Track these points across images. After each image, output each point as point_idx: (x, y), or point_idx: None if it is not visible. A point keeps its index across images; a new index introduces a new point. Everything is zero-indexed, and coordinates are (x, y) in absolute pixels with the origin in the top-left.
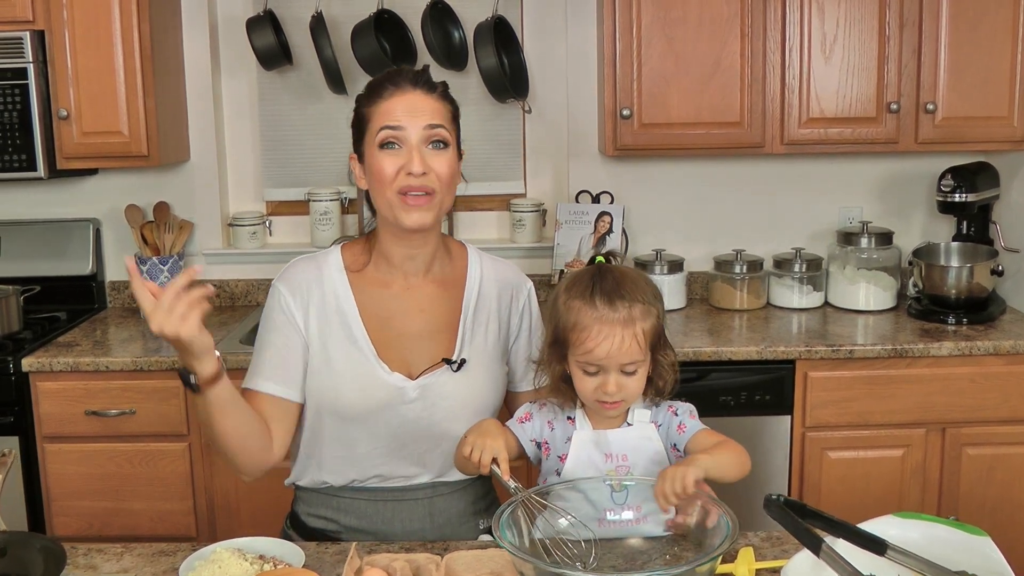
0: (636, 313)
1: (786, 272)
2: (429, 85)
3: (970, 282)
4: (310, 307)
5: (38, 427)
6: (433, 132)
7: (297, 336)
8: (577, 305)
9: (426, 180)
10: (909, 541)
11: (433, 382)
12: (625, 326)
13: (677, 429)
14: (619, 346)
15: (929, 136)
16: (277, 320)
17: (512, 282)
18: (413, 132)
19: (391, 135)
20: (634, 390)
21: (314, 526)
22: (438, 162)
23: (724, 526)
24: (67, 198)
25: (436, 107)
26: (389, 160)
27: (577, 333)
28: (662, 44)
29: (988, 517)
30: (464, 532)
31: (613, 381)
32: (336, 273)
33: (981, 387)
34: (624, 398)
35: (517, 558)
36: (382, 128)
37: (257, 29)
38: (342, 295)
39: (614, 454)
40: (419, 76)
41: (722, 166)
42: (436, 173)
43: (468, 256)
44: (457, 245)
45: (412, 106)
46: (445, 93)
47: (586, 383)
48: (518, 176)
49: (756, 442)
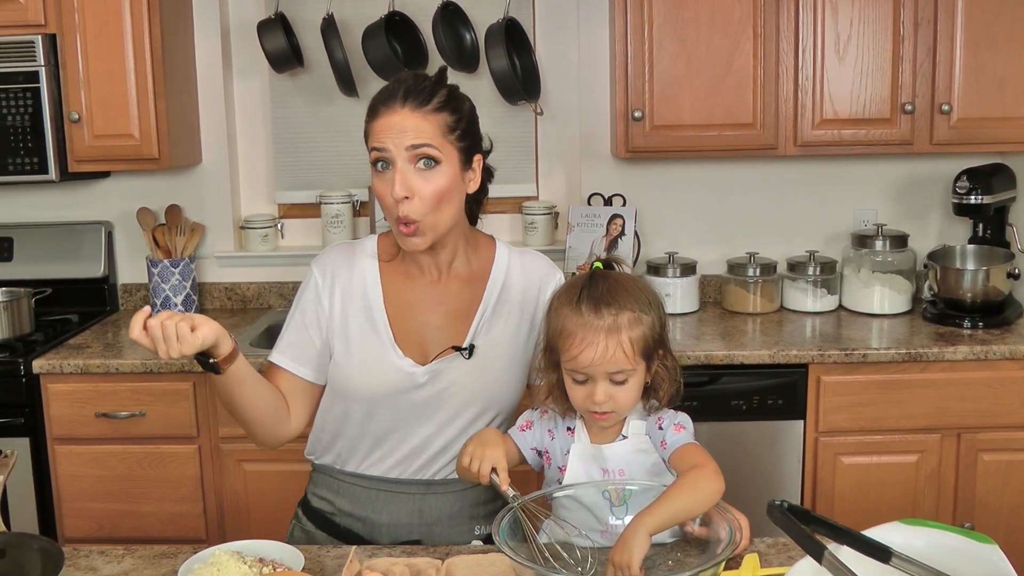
0: (623, 321)
1: (800, 275)
2: (421, 98)
3: (986, 285)
4: (335, 288)
5: (48, 429)
6: (417, 152)
7: (320, 317)
8: (565, 312)
9: (409, 208)
10: (915, 549)
11: (443, 368)
12: (610, 334)
13: (660, 445)
14: (603, 354)
15: (944, 137)
16: (305, 299)
17: (540, 274)
18: (397, 153)
19: (378, 156)
20: (625, 400)
21: (316, 506)
22: (422, 182)
23: (728, 532)
24: (79, 201)
25: (419, 124)
26: (381, 184)
27: (563, 339)
28: (674, 45)
29: (1004, 524)
30: (454, 534)
31: (601, 390)
32: (368, 259)
33: (997, 392)
34: (614, 408)
35: (517, 564)
36: (371, 148)
37: (268, 32)
38: (370, 280)
39: (611, 470)
40: (410, 91)
41: (735, 168)
42: (420, 195)
43: (496, 250)
44: (485, 239)
45: (397, 126)
46: (444, 103)
47: (576, 391)
48: (530, 179)
49: (768, 447)
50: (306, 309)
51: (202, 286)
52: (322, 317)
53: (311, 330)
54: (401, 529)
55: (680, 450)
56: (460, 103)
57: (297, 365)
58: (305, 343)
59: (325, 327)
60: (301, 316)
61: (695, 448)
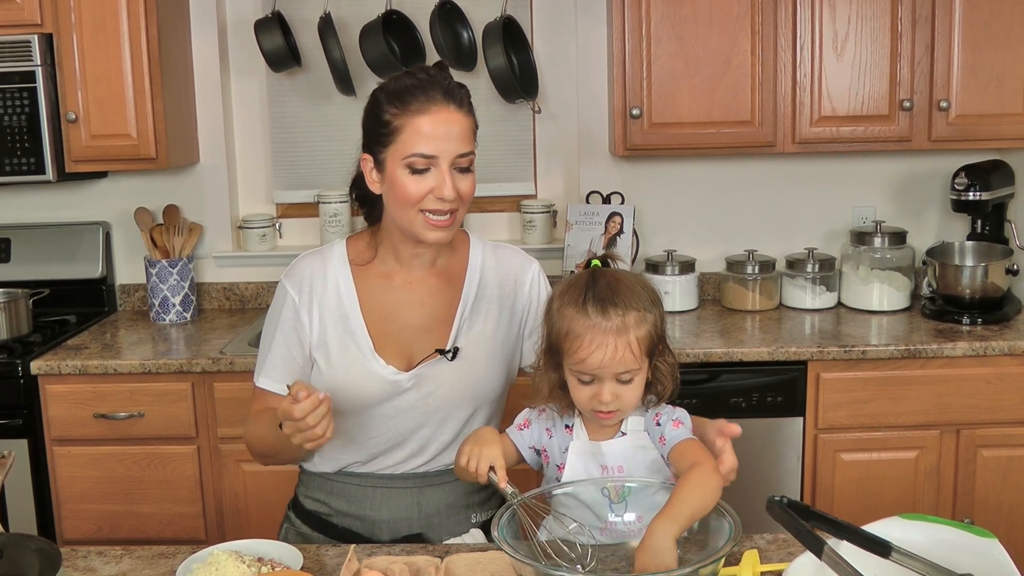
0: (630, 321)
1: (799, 273)
2: (459, 99)
3: (985, 282)
4: (313, 303)
5: (47, 430)
6: (465, 159)
7: (300, 334)
8: (570, 313)
9: (453, 203)
10: (914, 543)
11: (428, 371)
12: (619, 335)
13: (659, 441)
14: (612, 355)
15: (943, 134)
16: (284, 320)
17: (515, 267)
18: (445, 160)
19: (423, 160)
20: (630, 399)
21: (309, 508)
22: (464, 184)
23: (727, 528)
24: (76, 201)
25: (467, 127)
26: (416, 183)
27: (570, 342)
28: (672, 43)
29: (1004, 519)
30: (453, 525)
31: (608, 390)
32: (340, 266)
33: (996, 388)
34: (620, 407)
35: (517, 561)
36: (414, 154)
37: (265, 31)
38: (344, 289)
39: (610, 466)
40: (449, 86)
41: (733, 166)
42: (462, 195)
43: (470, 246)
44: (460, 235)
45: (447, 130)
46: (471, 105)
47: (581, 392)
48: (528, 177)
49: (768, 444)
50: (285, 329)
51: (200, 286)
52: (303, 334)
53: (293, 348)
54: (401, 524)
55: (679, 446)
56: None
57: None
58: (289, 363)
59: (307, 343)
60: (282, 337)
61: (694, 444)
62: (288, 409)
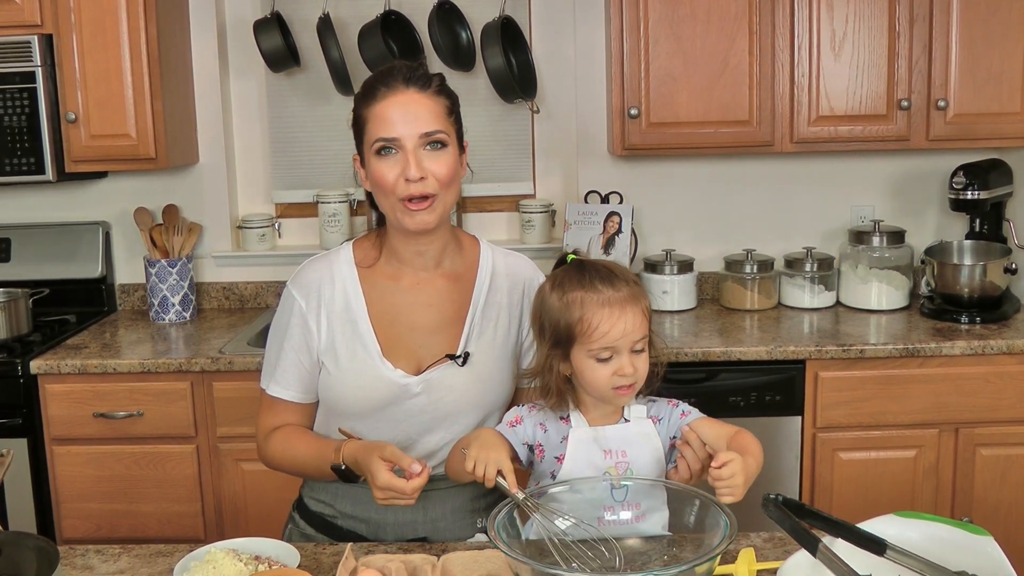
0: (636, 290)
1: (797, 272)
2: (422, 82)
3: (983, 280)
4: (321, 308)
5: (46, 429)
6: (430, 138)
7: (308, 341)
8: (578, 296)
9: (424, 185)
10: (909, 541)
11: (438, 376)
12: (633, 302)
13: (680, 416)
14: (632, 322)
15: (941, 133)
16: (292, 328)
17: (525, 276)
18: (408, 140)
19: (386, 144)
20: (644, 369)
21: (314, 509)
22: (436, 164)
23: (723, 526)
24: (76, 201)
25: (430, 107)
26: (387, 167)
27: (586, 323)
28: (670, 42)
29: (1002, 518)
30: (459, 529)
31: (628, 361)
32: (347, 269)
33: (995, 387)
34: (638, 379)
35: (513, 559)
36: (378, 139)
37: (264, 31)
38: (351, 293)
39: (613, 450)
40: (412, 72)
41: (732, 165)
42: (434, 175)
43: (480, 249)
44: (469, 238)
45: (406, 111)
46: (441, 87)
47: (599, 372)
48: (527, 177)
49: (766, 443)
50: (293, 336)
51: (200, 286)
52: (311, 341)
53: (301, 355)
54: (406, 527)
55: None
56: (449, 87)
57: (300, 394)
58: (299, 370)
59: (315, 349)
60: (291, 345)
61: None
62: (395, 484)
